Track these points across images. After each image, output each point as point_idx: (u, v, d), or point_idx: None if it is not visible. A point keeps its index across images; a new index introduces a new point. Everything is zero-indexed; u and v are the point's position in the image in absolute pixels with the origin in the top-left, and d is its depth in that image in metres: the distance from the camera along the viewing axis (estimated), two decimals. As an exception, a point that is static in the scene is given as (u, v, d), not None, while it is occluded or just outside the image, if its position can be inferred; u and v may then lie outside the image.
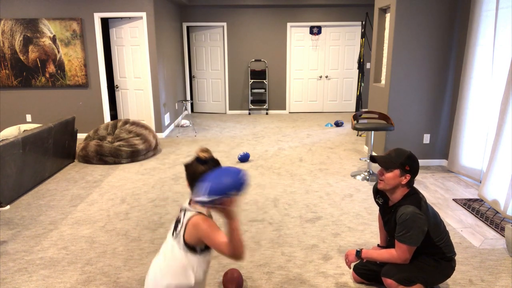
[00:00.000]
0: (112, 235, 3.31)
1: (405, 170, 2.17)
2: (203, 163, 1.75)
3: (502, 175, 3.65)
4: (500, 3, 3.94)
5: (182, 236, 1.75)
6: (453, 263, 2.33)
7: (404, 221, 2.12)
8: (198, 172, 1.73)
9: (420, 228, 2.13)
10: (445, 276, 2.33)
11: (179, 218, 1.81)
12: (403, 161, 2.17)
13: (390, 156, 2.21)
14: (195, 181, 1.73)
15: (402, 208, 2.17)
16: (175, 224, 1.82)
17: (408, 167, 2.17)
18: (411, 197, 2.21)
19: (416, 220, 2.11)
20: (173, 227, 1.83)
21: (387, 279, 2.26)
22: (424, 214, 2.16)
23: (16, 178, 4.06)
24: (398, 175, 2.17)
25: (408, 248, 2.16)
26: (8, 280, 2.68)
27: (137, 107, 6.96)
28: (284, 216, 3.65)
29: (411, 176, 2.19)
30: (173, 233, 1.81)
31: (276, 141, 6.51)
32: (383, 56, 5.48)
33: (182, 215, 1.80)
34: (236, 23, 8.82)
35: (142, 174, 4.92)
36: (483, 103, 4.30)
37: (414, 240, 2.13)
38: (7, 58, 6.55)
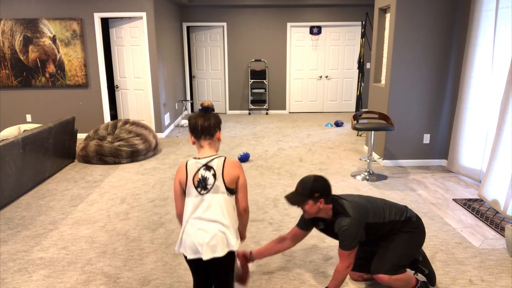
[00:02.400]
0: (112, 235, 3.31)
1: (315, 198, 2.23)
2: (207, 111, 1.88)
3: (502, 175, 3.65)
4: (500, 3, 3.94)
5: (222, 182, 1.83)
6: (414, 219, 2.38)
7: (343, 232, 2.23)
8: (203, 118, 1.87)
9: (359, 232, 2.24)
10: (420, 236, 2.39)
11: (204, 176, 1.83)
12: (309, 192, 2.23)
13: (298, 192, 2.28)
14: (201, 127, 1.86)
15: (337, 223, 2.27)
16: (202, 184, 1.84)
17: (317, 193, 2.23)
18: (338, 209, 2.30)
19: (353, 226, 2.23)
20: (200, 188, 1.84)
21: (378, 275, 2.31)
22: (355, 217, 2.25)
23: (16, 178, 4.06)
24: (313, 204, 2.24)
25: (349, 253, 2.24)
26: (8, 280, 2.68)
27: (137, 107, 6.96)
28: (284, 216, 3.65)
29: (324, 199, 2.25)
30: (204, 191, 1.83)
31: (276, 141, 6.52)
32: (383, 56, 5.48)
33: (204, 171, 1.84)
34: (236, 23, 8.82)
35: (142, 174, 4.92)
36: (483, 103, 4.30)
37: (355, 244, 2.23)
38: (7, 58, 6.55)
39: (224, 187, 1.84)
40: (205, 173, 1.84)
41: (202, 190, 1.83)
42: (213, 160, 1.86)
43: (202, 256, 1.82)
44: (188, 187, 1.85)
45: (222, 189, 1.84)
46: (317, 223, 2.44)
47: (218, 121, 1.92)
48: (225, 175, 1.84)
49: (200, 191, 1.84)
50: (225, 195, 1.85)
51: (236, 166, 1.88)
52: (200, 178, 1.84)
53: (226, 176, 1.84)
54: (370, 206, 2.34)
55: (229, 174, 1.85)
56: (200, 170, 1.84)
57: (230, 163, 1.87)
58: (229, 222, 1.86)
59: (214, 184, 1.83)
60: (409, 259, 2.35)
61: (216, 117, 1.92)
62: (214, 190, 1.83)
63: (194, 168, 1.85)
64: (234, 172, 1.86)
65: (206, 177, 1.83)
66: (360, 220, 2.26)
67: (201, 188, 1.84)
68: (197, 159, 1.88)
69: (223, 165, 1.84)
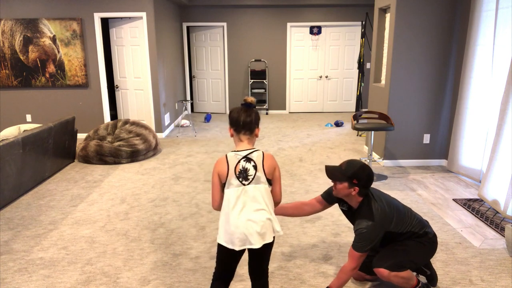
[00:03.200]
0: (112, 235, 3.31)
1: (353, 183, 2.23)
2: (249, 107, 1.95)
3: (502, 175, 3.65)
4: (500, 3, 3.94)
5: (263, 173, 1.92)
6: (430, 235, 2.37)
7: (361, 234, 2.22)
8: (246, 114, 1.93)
9: (376, 237, 2.22)
10: (430, 251, 2.38)
11: (244, 167, 1.90)
12: (350, 175, 2.22)
13: (340, 168, 2.28)
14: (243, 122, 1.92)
15: (358, 221, 2.26)
16: (243, 174, 1.90)
17: (356, 180, 2.22)
18: (367, 207, 2.27)
19: (371, 231, 2.21)
20: (242, 178, 1.90)
21: (378, 269, 2.30)
22: (378, 221, 2.23)
23: (16, 178, 4.06)
24: (347, 187, 2.25)
25: (359, 256, 2.22)
26: (8, 280, 2.68)
27: (137, 107, 6.96)
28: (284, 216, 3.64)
29: (359, 189, 2.25)
30: (246, 181, 1.90)
31: (276, 141, 6.51)
32: (383, 56, 5.48)
33: (244, 162, 1.91)
34: (236, 23, 8.82)
35: (142, 174, 4.92)
36: (483, 103, 4.30)
37: (368, 249, 2.22)
38: (7, 58, 6.55)
39: (265, 178, 1.93)
40: (246, 164, 1.91)
41: (244, 181, 1.90)
42: (252, 152, 1.93)
43: (253, 246, 1.90)
44: (229, 178, 1.91)
45: (263, 179, 1.92)
46: (342, 203, 2.46)
47: (258, 118, 2.00)
48: (265, 166, 1.92)
49: (242, 181, 1.90)
50: (266, 185, 1.94)
51: (273, 159, 1.98)
52: (242, 169, 1.90)
53: (266, 167, 1.92)
54: (396, 215, 2.31)
55: (268, 166, 1.93)
56: (241, 162, 1.91)
57: (268, 156, 1.96)
58: (272, 209, 1.97)
59: (255, 175, 1.91)
60: (411, 265, 2.33)
61: (257, 114, 1.98)
62: (256, 180, 1.91)
63: (235, 160, 1.91)
64: (272, 164, 1.95)
65: (247, 168, 1.90)
66: (382, 227, 2.24)
67: (242, 179, 1.90)
68: (236, 152, 1.94)
69: (263, 157, 1.93)
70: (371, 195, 2.33)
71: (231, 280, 2.09)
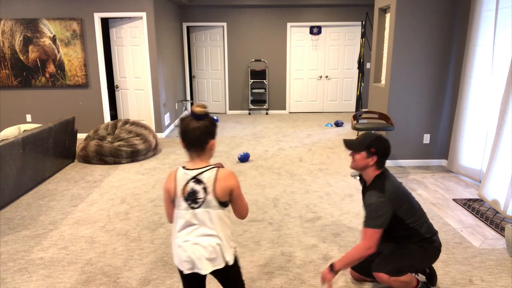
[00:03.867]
0: (112, 235, 3.31)
1: (371, 152, 2.27)
2: (198, 119, 1.68)
3: (502, 175, 3.65)
4: (500, 3, 3.94)
5: (213, 196, 1.69)
6: (436, 244, 2.36)
7: (368, 206, 2.23)
8: (191, 128, 1.67)
9: (384, 212, 2.19)
10: (432, 258, 2.37)
11: (193, 189, 1.69)
12: (368, 144, 2.28)
13: (357, 140, 2.34)
14: (188, 138, 1.68)
15: (367, 195, 2.28)
16: (192, 197, 1.70)
17: (374, 149, 2.27)
18: (378, 181, 2.30)
19: (379, 204, 2.20)
20: (190, 201, 1.70)
21: (378, 273, 2.29)
22: (387, 198, 2.22)
23: (16, 178, 4.06)
24: (365, 156, 2.28)
25: (371, 233, 2.18)
26: (8, 280, 2.68)
27: (137, 107, 6.96)
28: (284, 216, 3.65)
29: (377, 157, 2.28)
30: (195, 205, 1.70)
31: (276, 141, 6.51)
32: (383, 56, 5.48)
33: (193, 183, 1.69)
34: (236, 23, 8.82)
35: (142, 174, 4.92)
36: (483, 103, 4.30)
37: (377, 224, 2.19)
38: (7, 58, 6.55)
39: (216, 202, 1.70)
40: (195, 186, 1.69)
41: (193, 204, 1.70)
42: (203, 172, 1.70)
43: (201, 271, 1.73)
44: (178, 199, 1.72)
45: (214, 203, 1.70)
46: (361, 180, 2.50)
47: (210, 130, 1.70)
48: (217, 189, 1.69)
49: (191, 204, 1.71)
50: (218, 210, 1.72)
51: (229, 178, 1.72)
52: (190, 191, 1.69)
53: (218, 190, 1.69)
54: (408, 203, 2.30)
55: (221, 188, 1.70)
56: (190, 183, 1.70)
57: (223, 176, 1.70)
58: (223, 235, 1.76)
59: (205, 199, 1.69)
60: (411, 270, 2.32)
61: (207, 127, 1.69)
62: (206, 204, 1.70)
63: (183, 180, 1.71)
64: (226, 185, 1.70)
65: (196, 190, 1.69)
66: (390, 204, 2.22)
67: (191, 202, 1.70)
68: (186, 169, 1.72)
69: (215, 178, 1.69)
70: (387, 174, 2.34)
71: None
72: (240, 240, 3.19)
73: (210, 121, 1.70)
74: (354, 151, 2.33)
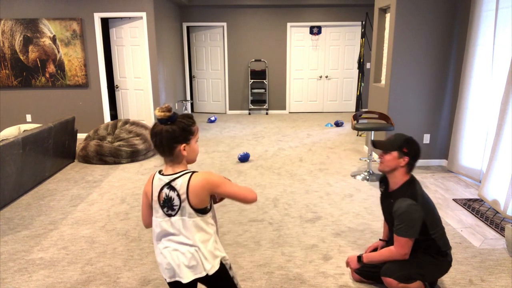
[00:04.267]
0: (112, 235, 3.31)
1: (403, 152, 2.22)
2: (161, 123, 1.58)
3: (502, 175, 3.65)
4: (500, 3, 3.94)
5: (187, 203, 1.60)
6: (449, 258, 2.35)
7: (401, 215, 2.16)
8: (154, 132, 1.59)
9: (416, 220, 2.16)
10: (443, 271, 2.36)
11: (168, 196, 1.62)
12: (401, 144, 2.23)
13: (389, 139, 2.29)
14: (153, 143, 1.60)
15: (398, 201, 2.20)
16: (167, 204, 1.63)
17: (406, 149, 2.21)
18: (409, 187, 2.24)
19: (412, 212, 2.15)
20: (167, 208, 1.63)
21: (387, 278, 2.27)
22: (420, 205, 2.19)
23: (16, 178, 4.06)
24: (396, 157, 2.22)
25: (406, 241, 2.18)
26: (8, 280, 2.68)
27: (137, 107, 6.96)
28: (284, 216, 3.65)
29: (409, 159, 2.22)
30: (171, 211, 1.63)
31: (276, 141, 6.51)
32: (383, 56, 5.48)
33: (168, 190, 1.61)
34: (236, 23, 8.82)
35: (142, 174, 4.92)
36: (483, 103, 4.30)
37: (412, 232, 2.16)
38: (7, 58, 6.55)
39: (191, 209, 1.61)
40: (170, 193, 1.61)
41: (169, 211, 1.63)
42: (177, 179, 1.61)
43: (182, 279, 1.65)
44: (154, 205, 1.66)
45: (189, 210, 1.61)
46: (381, 183, 2.44)
47: (175, 135, 1.58)
48: (190, 196, 1.59)
49: (167, 211, 1.64)
50: (195, 217, 1.62)
51: (204, 182, 1.60)
52: (165, 197, 1.63)
53: (192, 197, 1.59)
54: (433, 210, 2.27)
55: (195, 194, 1.59)
56: (164, 189, 1.63)
57: (196, 181, 1.59)
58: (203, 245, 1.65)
59: (180, 206, 1.61)
60: (420, 279, 2.29)
61: (172, 132, 1.57)
62: (181, 212, 1.62)
63: (158, 185, 1.64)
64: (202, 190, 1.60)
65: (171, 197, 1.61)
66: (422, 212, 2.17)
67: (167, 209, 1.63)
68: (161, 174, 1.65)
69: (188, 185, 1.59)
70: (417, 181, 2.29)
71: None
72: (240, 240, 3.19)
73: (178, 125, 1.59)
74: (384, 151, 2.26)
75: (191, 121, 1.64)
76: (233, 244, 3.12)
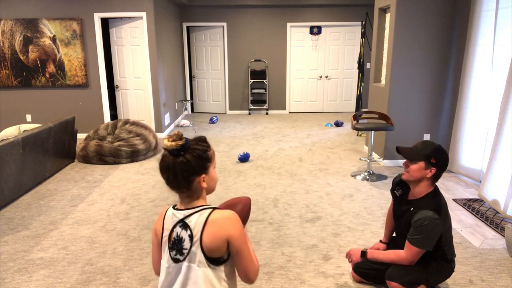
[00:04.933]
0: (112, 235, 3.31)
1: (431, 163, 2.10)
2: (173, 155, 1.31)
3: (502, 175, 3.65)
4: (500, 3, 3.94)
5: (200, 248, 1.30)
6: (453, 265, 2.35)
7: (421, 226, 2.08)
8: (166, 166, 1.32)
9: (436, 234, 2.11)
10: (445, 277, 2.36)
11: (179, 236, 1.33)
12: (429, 153, 2.09)
13: (416, 147, 2.15)
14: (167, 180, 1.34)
15: (421, 212, 2.11)
16: (177, 246, 1.34)
17: (434, 160, 2.09)
18: (433, 199, 2.16)
19: (434, 226, 2.08)
20: (175, 251, 1.35)
21: (391, 282, 2.26)
22: (442, 220, 2.13)
23: (16, 178, 4.06)
24: (423, 167, 2.10)
25: (418, 252, 2.15)
26: (8, 280, 2.68)
27: (137, 107, 6.96)
28: (284, 216, 3.65)
29: (436, 170, 2.11)
30: (180, 256, 1.34)
31: (276, 141, 6.51)
32: (383, 56, 5.48)
33: (180, 229, 1.33)
34: (236, 23, 8.82)
35: (142, 174, 4.92)
36: (483, 103, 4.30)
37: (427, 245, 2.12)
38: (7, 58, 6.55)
39: (202, 256, 1.30)
40: (181, 233, 1.32)
41: (178, 255, 1.33)
42: (192, 214, 1.32)
43: None
44: (163, 246, 1.38)
45: (199, 257, 1.30)
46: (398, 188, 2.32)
47: (191, 166, 1.30)
48: (205, 238, 1.29)
49: (175, 255, 1.34)
50: (205, 267, 1.31)
51: (227, 224, 1.29)
52: (175, 238, 1.33)
53: (206, 240, 1.28)
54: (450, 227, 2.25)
55: (212, 237, 1.28)
56: (176, 227, 1.33)
57: (217, 220, 1.29)
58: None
59: (190, 250, 1.31)
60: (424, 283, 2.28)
61: (187, 163, 1.29)
62: (191, 258, 1.31)
63: (171, 223, 1.35)
64: (220, 234, 1.28)
65: (182, 238, 1.32)
66: (441, 225, 2.11)
67: (176, 252, 1.34)
68: (176, 209, 1.37)
69: (205, 224, 1.29)
70: (440, 192, 2.20)
71: None
72: (240, 240, 3.19)
73: (193, 153, 1.31)
74: (410, 160, 2.13)
75: (205, 145, 1.36)
76: (233, 244, 3.12)
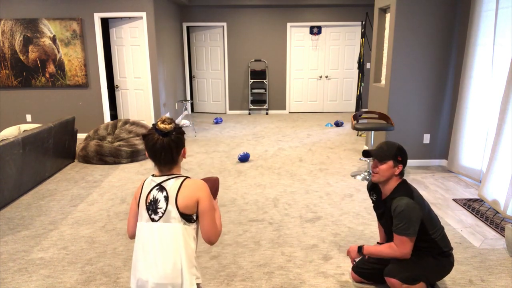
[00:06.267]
0: (112, 235, 3.31)
1: (398, 161, 2.28)
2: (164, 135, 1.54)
3: (502, 175, 3.65)
4: (500, 3, 3.94)
5: (175, 206, 1.53)
6: (451, 259, 2.35)
7: (400, 213, 2.18)
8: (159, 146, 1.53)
9: (416, 218, 2.19)
10: (445, 272, 2.36)
11: (155, 197, 1.56)
12: (395, 152, 2.28)
13: (383, 148, 2.31)
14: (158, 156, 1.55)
15: (396, 200, 2.23)
16: (152, 206, 1.56)
17: (400, 157, 2.28)
18: (403, 187, 2.29)
19: (411, 210, 2.18)
20: (151, 211, 1.57)
21: (390, 278, 2.27)
22: (416, 202, 2.23)
23: (16, 178, 4.06)
24: (392, 166, 2.28)
25: (406, 240, 2.19)
26: (8, 280, 2.68)
27: (137, 107, 6.96)
28: (284, 216, 3.65)
29: (402, 166, 2.29)
30: (155, 216, 1.56)
31: (276, 141, 6.51)
32: (383, 56, 5.48)
33: (156, 191, 1.56)
34: (236, 23, 8.82)
35: (142, 174, 4.92)
36: (483, 103, 4.30)
37: (411, 231, 2.18)
38: (7, 58, 6.55)
39: (177, 213, 1.53)
40: (157, 194, 1.56)
41: (153, 214, 1.56)
42: (169, 179, 1.57)
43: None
44: (140, 208, 1.59)
45: (174, 214, 1.53)
46: (372, 193, 2.48)
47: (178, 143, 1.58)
48: (179, 198, 1.53)
49: (151, 215, 1.56)
50: (180, 223, 1.54)
51: (197, 188, 1.56)
52: (152, 199, 1.56)
53: (180, 199, 1.53)
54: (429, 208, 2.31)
55: (185, 197, 1.53)
56: (153, 190, 1.57)
57: (190, 185, 1.55)
58: (186, 259, 1.54)
59: (166, 209, 1.54)
60: (424, 280, 2.29)
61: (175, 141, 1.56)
62: (166, 217, 1.54)
63: (148, 187, 1.59)
64: (192, 195, 1.54)
65: (158, 199, 1.55)
66: (419, 209, 2.20)
67: (152, 212, 1.56)
68: (153, 176, 1.61)
69: (180, 186, 1.55)
70: (407, 181, 2.35)
71: None
72: (240, 240, 3.19)
73: (177, 132, 1.58)
74: (379, 160, 2.28)
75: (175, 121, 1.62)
76: (233, 244, 3.12)
